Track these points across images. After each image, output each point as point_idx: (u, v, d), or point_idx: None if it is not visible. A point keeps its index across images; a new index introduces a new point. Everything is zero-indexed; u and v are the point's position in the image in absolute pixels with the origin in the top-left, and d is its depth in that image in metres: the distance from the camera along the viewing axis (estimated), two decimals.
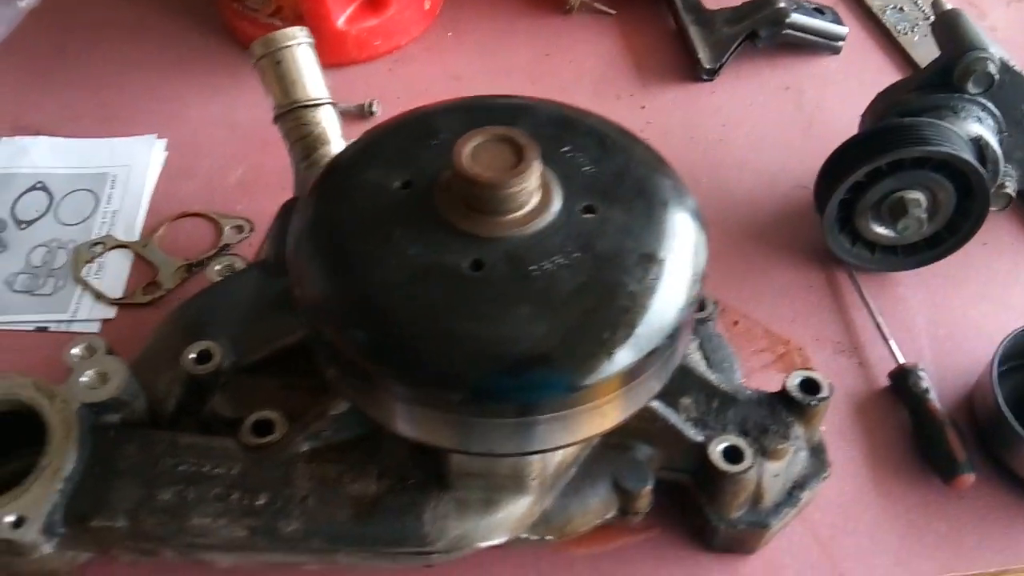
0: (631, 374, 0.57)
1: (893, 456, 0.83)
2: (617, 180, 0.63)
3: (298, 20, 1.15)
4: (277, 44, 0.91)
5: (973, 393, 0.86)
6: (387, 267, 0.58)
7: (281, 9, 1.17)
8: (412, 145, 0.65)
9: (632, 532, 0.76)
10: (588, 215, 0.60)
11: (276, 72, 0.91)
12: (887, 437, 0.84)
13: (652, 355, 0.57)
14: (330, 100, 0.93)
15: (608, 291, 0.57)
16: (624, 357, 0.56)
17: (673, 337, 0.59)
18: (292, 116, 0.91)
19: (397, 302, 0.57)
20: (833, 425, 0.83)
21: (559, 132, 0.65)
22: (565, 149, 0.64)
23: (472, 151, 0.58)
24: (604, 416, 0.60)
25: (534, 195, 0.60)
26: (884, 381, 0.88)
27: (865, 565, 0.76)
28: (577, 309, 0.56)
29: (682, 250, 0.60)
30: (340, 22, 1.18)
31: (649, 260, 0.58)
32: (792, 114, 1.16)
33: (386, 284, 0.57)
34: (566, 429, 0.59)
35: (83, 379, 0.72)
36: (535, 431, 0.58)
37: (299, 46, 0.91)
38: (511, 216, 0.59)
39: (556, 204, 0.60)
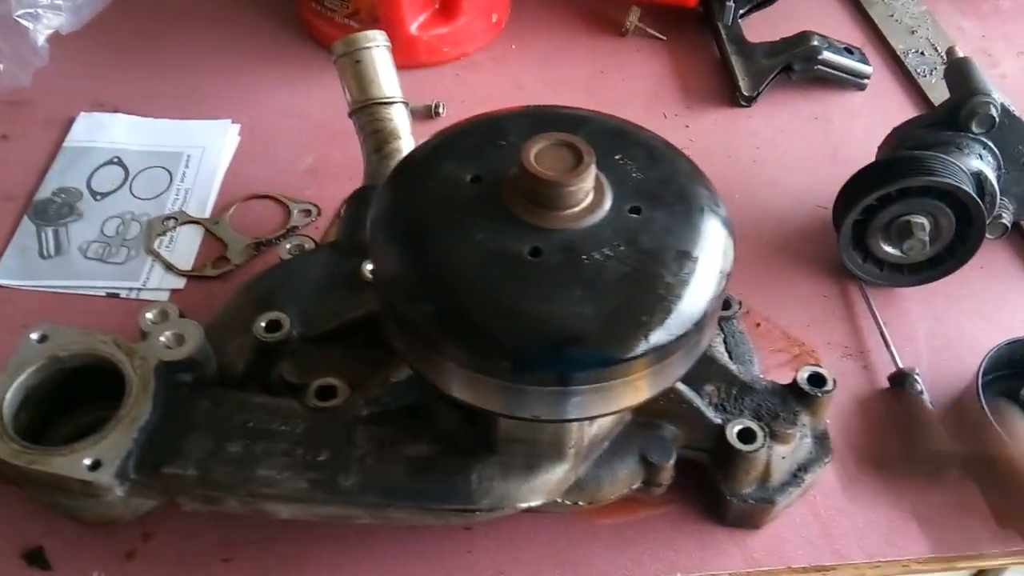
0: (662, 354, 0.62)
1: (888, 448, 0.89)
2: (662, 187, 0.68)
3: (373, 23, 1.21)
4: (358, 44, 0.97)
5: (961, 397, 0.93)
6: (456, 249, 0.63)
7: (358, 12, 1.23)
8: (483, 144, 0.70)
9: (653, 505, 0.82)
10: (634, 215, 0.66)
11: (355, 70, 0.97)
12: (884, 431, 0.91)
13: (681, 339, 0.62)
14: (403, 100, 0.99)
15: (648, 281, 0.62)
16: (657, 338, 0.61)
17: (700, 325, 0.64)
18: (367, 111, 0.97)
19: (463, 280, 0.62)
20: (838, 418, 0.91)
21: (613, 141, 0.71)
22: (617, 156, 0.69)
23: (537, 152, 0.63)
24: (636, 391, 0.65)
25: (589, 194, 0.65)
26: (884, 383, 0.95)
27: (859, 542, 0.83)
28: (620, 294, 0.62)
29: (713, 250, 0.66)
30: (413, 28, 1.24)
31: (685, 257, 0.64)
32: (819, 142, 1.23)
33: (454, 264, 0.63)
34: (603, 400, 0.64)
35: (161, 339, 0.77)
36: (576, 400, 0.64)
37: (378, 48, 0.98)
38: (568, 211, 0.64)
39: (607, 203, 0.66)
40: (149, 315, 0.83)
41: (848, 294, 1.03)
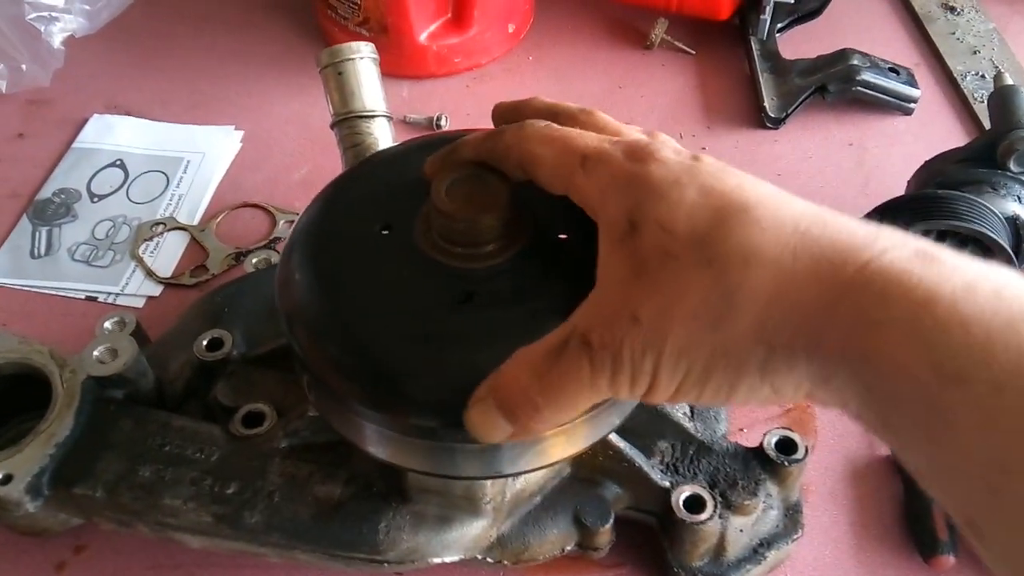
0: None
1: (880, 526, 0.80)
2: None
3: (382, 32, 1.19)
4: (342, 56, 0.94)
5: None
6: (374, 299, 0.59)
7: (368, 20, 1.20)
8: (388, 186, 0.66)
9: (600, 567, 0.76)
10: (564, 237, 0.61)
11: (337, 82, 0.94)
12: (878, 506, 0.81)
13: None
14: (385, 113, 0.95)
15: None
16: None
17: None
18: (347, 124, 0.94)
19: (384, 332, 0.58)
20: (824, 485, 0.82)
21: None
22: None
23: (448, 187, 0.59)
24: (563, 445, 0.59)
25: (511, 225, 0.60)
26: (886, 449, 0.85)
27: None
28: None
29: None
30: (422, 37, 1.21)
31: None
32: (850, 170, 1.13)
33: (373, 314, 0.58)
34: (533, 454, 0.59)
35: (95, 353, 0.75)
36: (501, 456, 0.59)
37: (362, 60, 0.94)
38: (491, 247, 0.60)
39: (530, 232, 0.61)
40: (107, 324, 0.82)
41: None
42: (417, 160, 0.65)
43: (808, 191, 1.08)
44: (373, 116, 0.94)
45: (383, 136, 0.95)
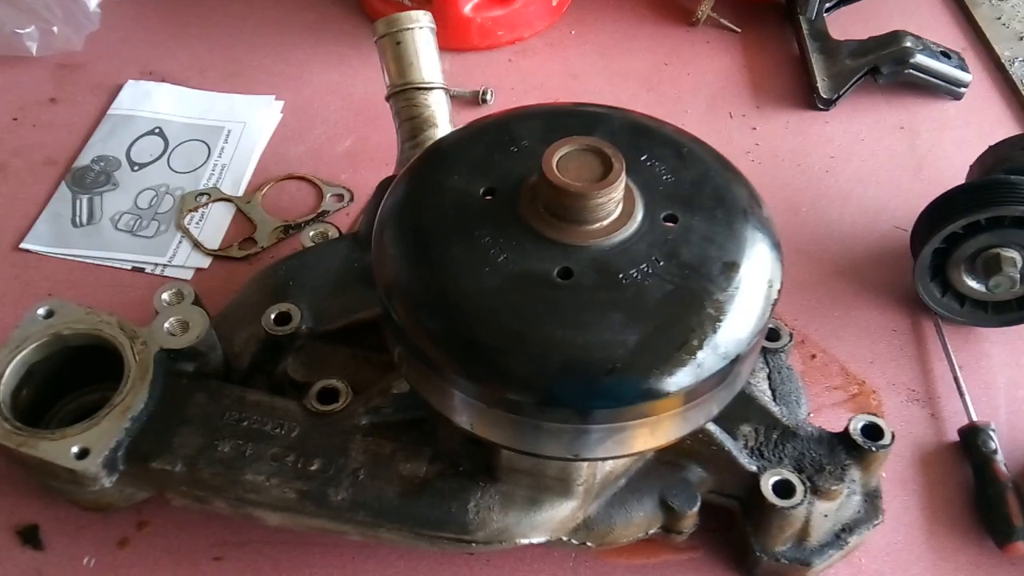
0: (706, 386, 0.56)
1: (950, 512, 0.80)
2: (695, 189, 0.62)
3: (427, 3, 1.17)
4: (400, 25, 0.92)
5: None
6: (472, 271, 0.58)
7: None
8: (493, 151, 0.65)
9: (675, 550, 0.75)
10: (670, 224, 0.60)
11: (395, 52, 0.92)
12: (947, 492, 0.82)
13: (732, 365, 0.56)
14: (443, 85, 0.94)
15: (696, 298, 0.56)
16: (710, 363, 0.55)
17: (749, 349, 0.58)
18: (404, 96, 0.92)
19: (482, 307, 0.57)
20: (894, 472, 0.82)
21: (637, 140, 0.65)
22: (644, 157, 0.63)
23: (560, 160, 0.58)
24: (670, 428, 0.59)
25: (619, 204, 0.59)
26: (953, 436, 0.85)
27: None
28: (666, 316, 0.56)
29: (761, 259, 0.60)
30: (467, 9, 1.19)
31: (732, 268, 0.58)
32: (903, 154, 1.12)
33: (473, 286, 0.57)
34: (628, 439, 0.58)
35: (165, 325, 0.74)
36: (596, 437, 0.58)
37: (420, 30, 0.92)
38: (598, 225, 0.58)
39: (639, 213, 0.60)
40: (165, 295, 0.81)
41: (920, 330, 0.94)
42: (519, 129, 0.64)
43: (862, 174, 1.09)
44: (431, 88, 0.93)
45: (440, 109, 0.93)
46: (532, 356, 0.55)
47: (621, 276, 0.57)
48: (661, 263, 0.57)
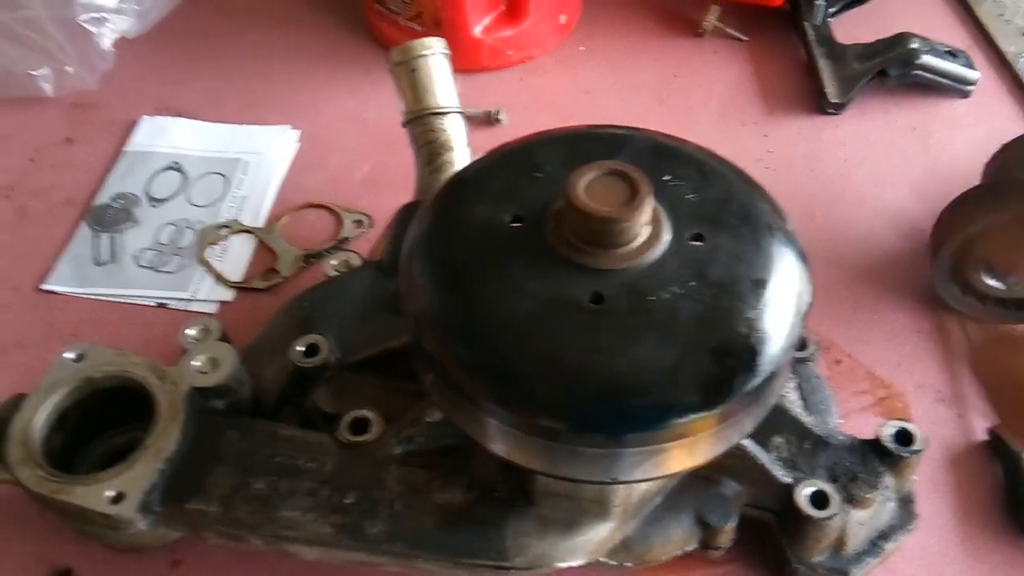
0: (741, 404, 0.56)
1: (982, 514, 0.80)
2: (720, 207, 0.62)
3: (436, 26, 1.17)
4: (414, 53, 0.92)
5: None
6: (505, 299, 0.58)
7: (420, 15, 1.18)
8: (517, 178, 0.65)
9: (710, 565, 0.75)
10: (697, 243, 0.60)
11: (410, 79, 0.93)
12: (978, 493, 0.81)
13: (767, 382, 0.57)
14: (459, 109, 0.94)
15: (727, 317, 0.56)
16: (747, 382, 0.56)
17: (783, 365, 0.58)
18: (421, 122, 0.93)
19: (516, 332, 0.57)
20: (925, 475, 0.81)
21: (659, 161, 0.65)
22: (667, 178, 0.63)
23: (586, 186, 0.58)
24: (707, 446, 0.59)
25: (647, 227, 0.59)
26: (982, 436, 0.85)
27: None
28: (700, 337, 0.56)
29: (789, 275, 0.60)
30: (476, 31, 1.19)
31: (761, 286, 0.58)
32: (917, 155, 1.12)
33: (504, 314, 0.57)
34: (664, 460, 0.58)
35: (194, 363, 0.74)
36: (630, 460, 0.58)
37: (434, 56, 0.93)
38: (626, 248, 0.59)
39: (667, 234, 0.60)
40: (190, 331, 0.81)
41: (945, 330, 0.93)
42: (541, 155, 0.64)
43: (877, 176, 1.09)
44: (447, 112, 0.93)
45: (456, 133, 0.93)
46: (567, 382, 0.55)
47: (652, 298, 0.57)
48: (691, 283, 0.57)
